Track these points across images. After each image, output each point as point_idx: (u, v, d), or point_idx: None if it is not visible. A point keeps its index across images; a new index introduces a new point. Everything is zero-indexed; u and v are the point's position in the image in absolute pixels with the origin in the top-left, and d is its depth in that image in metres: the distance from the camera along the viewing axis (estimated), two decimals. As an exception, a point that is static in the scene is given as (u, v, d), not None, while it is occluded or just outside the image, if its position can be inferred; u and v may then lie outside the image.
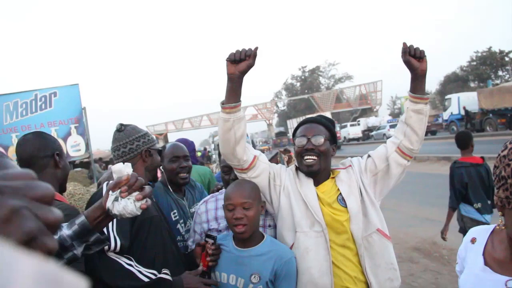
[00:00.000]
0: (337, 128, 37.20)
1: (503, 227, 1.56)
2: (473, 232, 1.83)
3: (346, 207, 2.33)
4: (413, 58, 2.23)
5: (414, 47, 2.23)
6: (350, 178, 2.43)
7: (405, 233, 7.95)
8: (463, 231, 4.86)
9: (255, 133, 77.72)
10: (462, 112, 29.86)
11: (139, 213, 1.57)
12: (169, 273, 2.21)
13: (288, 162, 9.23)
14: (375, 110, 60.10)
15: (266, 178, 2.45)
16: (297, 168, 2.55)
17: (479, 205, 4.76)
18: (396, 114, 58.77)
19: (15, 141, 14.75)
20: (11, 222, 0.46)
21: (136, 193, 1.55)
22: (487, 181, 4.84)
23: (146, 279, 2.10)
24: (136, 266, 2.13)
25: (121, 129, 2.59)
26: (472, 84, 55.04)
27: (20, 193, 0.50)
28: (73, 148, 15.30)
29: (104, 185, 2.17)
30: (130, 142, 2.55)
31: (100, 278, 2.03)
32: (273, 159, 9.63)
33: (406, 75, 2.34)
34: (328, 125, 2.52)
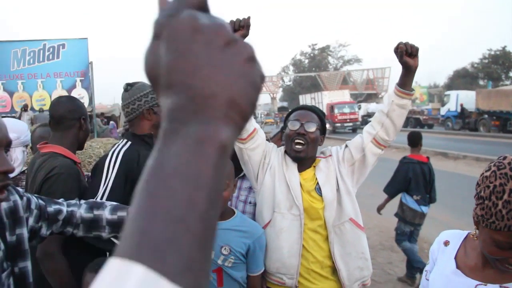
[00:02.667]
0: (356, 109, 37.19)
1: (476, 239, 1.68)
2: (447, 235, 1.92)
3: (321, 195, 2.44)
4: (409, 56, 2.28)
5: (410, 44, 2.27)
6: (329, 168, 2.51)
7: (391, 222, 8.08)
8: (400, 217, 5.77)
9: (258, 105, 77.44)
10: (459, 110, 30.13)
11: None
12: None
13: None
14: (380, 96, 59.89)
15: (260, 153, 2.54)
16: (284, 150, 2.63)
17: (418, 197, 5.56)
18: (400, 103, 58.58)
19: (20, 87, 14.91)
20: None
21: None
22: (428, 178, 5.65)
23: None
24: None
25: (127, 89, 2.66)
26: (481, 82, 54.72)
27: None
28: (76, 101, 15.36)
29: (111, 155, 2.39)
30: (132, 102, 2.61)
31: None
32: (277, 135, 9.78)
33: None
34: (321, 115, 2.61)
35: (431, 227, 7.75)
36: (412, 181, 5.56)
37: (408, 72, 2.34)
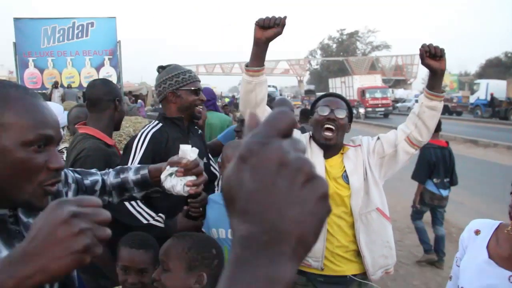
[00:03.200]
0: (388, 94, 36.38)
1: (510, 231, 1.71)
2: (477, 223, 1.92)
3: (349, 184, 2.44)
4: (433, 58, 2.25)
5: (434, 46, 2.24)
6: (357, 157, 2.51)
7: (418, 206, 8.06)
8: (420, 199, 5.80)
9: (285, 87, 77.24)
10: (489, 99, 29.99)
11: (185, 195, 1.62)
12: (162, 219, 2.39)
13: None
14: (408, 82, 58.99)
15: None
16: (310, 137, 2.62)
17: (438, 180, 5.62)
18: (429, 89, 57.62)
19: (50, 64, 15.14)
20: (77, 238, 0.79)
21: (190, 178, 1.59)
22: (448, 162, 5.70)
23: (144, 221, 2.34)
24: (139, 206, 2.36)
25: (158, 71, 2.75)
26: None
27: (89, 218, 0.82)
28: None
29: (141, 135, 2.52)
30: (159, 85, 2.69)
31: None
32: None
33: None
34: (348, 103, 2.62)
35: (460, 213, 7.68)
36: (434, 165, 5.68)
37: (434, 74, 2.32)
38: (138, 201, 2.35)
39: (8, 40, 15.04)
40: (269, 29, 2.26)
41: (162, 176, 1.60)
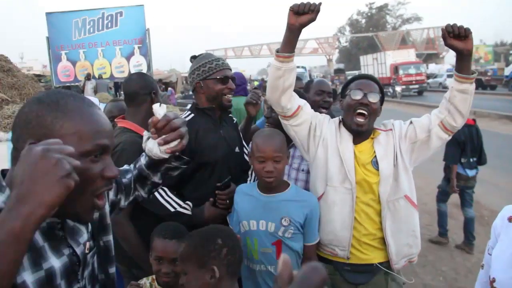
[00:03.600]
0: (423, 69, 34.82)
1: None
2: (511, 210, 1.84)
3: (378, 170, 2.40)
4: (457, 38, 2.16)
5: (458, 26, 2.14)
6: (388, 142, 2.46)
7: (450, 188, 7.98)
8: (447, 180, 5.75)
9: (314, 67, 76.40)
10: None
11: (165, 156, 1.55)
12: (189, 207, 2.49)
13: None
14: (441, 56, 57.39)
15: (306, 128, 2.51)
16: (339, 122, 2.58)
17: (465, 160, 5.50)
18: (463, 62, 55.87)
19: (82, 56, 15.46)
20: (57, 165, 0.90)
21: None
22: (476, 141, 5.54)
23: (171, 209, 2.44)
24: (168, 195, 2.46)
25: (191, 61, 2.81)
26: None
27: (59, 151, 0.93)
28: (135, 67, 15.87)
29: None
30: (189, 76, 2.78)
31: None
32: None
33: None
34: (380, 85, 2.54)
35: (493, 194, 7.58)
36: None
37: (460, 56, 2.23)
38: (167, 191, 2.47)
39: (41, 34, 15.42)
40: (303, 15, 2.20)
41: (143, 144, 1.58)
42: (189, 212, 2.49)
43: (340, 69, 56.23)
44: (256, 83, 26.30)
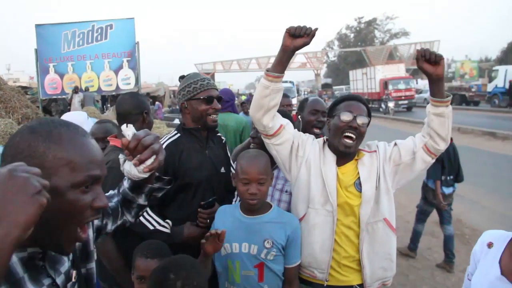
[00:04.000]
0: (412, 85, 34.46)
1: None
2: (490, 235, 1.88)
3: (361, 192, 2.39)
4: (428, 63, 2.23)
5: (430, 51, 2.22)
6: (372, 164, 2.46)
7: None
8: (423, 196, 5.92)
9: (302, 82, 76.82)
10: (507, 86, 28.75)
11: (145, 176, 1.52)
12: (168, 225, 2.53)
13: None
14: (427, 71, 57.88)
15: (288, 147, 2.51)
16: (324, 142, 2.58)
17: (442, 178, 5.56)
18: (449, 79, 56.54)
19: (70, 69, 15.44)
20: (27, 183, 0.88)
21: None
22: (453, 158, 5.61)
23: (151, 227, 2.48)
24: (147, 214, 2.48)
25: (179, 81, 2.86)
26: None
27: (25, 170, 0.90)
28: (123, 81, 15.91)
29: None
30: (176, 96, 2.85)
31: None
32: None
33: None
34: (368, 106, 2.54)
35: (475, 212, 7.69)
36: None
37: (432, 80, 2.30)
38: (148, 210, 2.45)
39: (29, 46, 15.42)
40: (298, 38, 2.24)
41: (121, 167, 1.54)
42: (167, 231, 2.52)
43: (327, 84, 56.66)
44: (243, 97, 26.35)
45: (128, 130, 1.47)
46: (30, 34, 15.17)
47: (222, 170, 2.83)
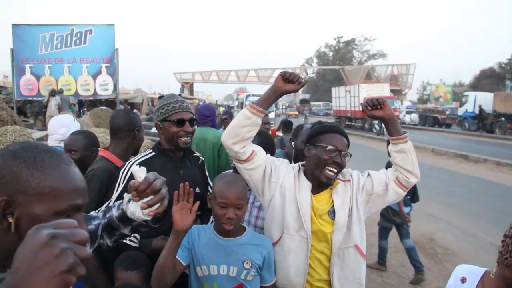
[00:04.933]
0: (397, 105, 34.16)
1: (493, 277, 1.73)
2: (463, 270, 1.93)
3: (334, 219, 2.44)
4: (375, 109, 2.41)
5: (371, 99, 2.42)
6: (346, 192, 2.50)
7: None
8: (382, 214, 6.06)
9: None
10: (477, 111, 30.49)
11: (148, 219, 1.56)
12: (136, 239, 2.57)
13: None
14: (403, 93, 59.20)
15: (261, 173, 2.53)
16: (299, 168, 2.61)
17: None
18: (423, 101, 57.75)
19: (47, 72, 15.20)
20: (60, 258, 0.78)
21: (148, 198, 1.51)
22: None
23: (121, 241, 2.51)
24: None
25: (159, 100, 2.89)
26: (509, 83, 53.52)
27: (67, 238, 0.81)
28: (101, 87, 15.74)
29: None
30: (154, 114, 2.84)
31: None
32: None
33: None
34: (348, 140, 2.57)
35: (447, 232, 7.81)
36: None
37: (386, 121, 2.44)
38: None
39: (5, 44, 15.11)
40: (290, 83, 2.36)
41: (124, 205, 1.56)
42: (136, 245, 2.56)
43: (305, 99, 57.24)
44: (222, 109, 26.34)
45: (140, 172, 1.50)
46: (4, 31, 14.88)
47: (197, 190, 2.81)
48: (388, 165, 6.04)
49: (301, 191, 2.48)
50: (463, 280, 1.87)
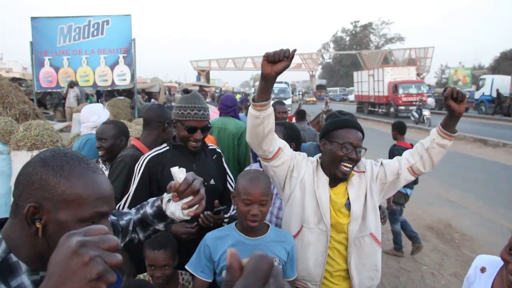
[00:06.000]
0: (424, 90, 32.22)
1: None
2: (483, 260, 1.97)
3: (350, 210, 2.50)
4: (455, 101, 2.35)
5: (457, 90, 2.33)
6: (361, 184, 2.55)
7: (423, 210, 8.20)
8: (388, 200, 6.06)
9: (296, 82, 77.08)
10: (494, 94, 29.71)
11: (188, 218, 1.59)
12: None
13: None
14: (421, 77, 58.46)
15: (286, 169, 2.55)
16: (317, 162, 2.63)
17: None
18: (442, 84, 56.91)
19: (66, 63, 15.37)
20: (88, 266, 0.79)
21: (188, 199, 1.53)
22: None
23: None
24: None
25: (183, 93, 2.97)
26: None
27: (96, 245, 0.82)
28: (119, 77, 15.87)
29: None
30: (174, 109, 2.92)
31: None
32: (316, 119, 9.83)
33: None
34: (363, 133, 2.58)
35: (464, 217, 7.80)
36: None
37: (452, 115, 2.41)
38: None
39: (24, 37, 15.31)
40: (278, 63, 2.17)
41: (163, 205, 1.61)
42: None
43: (322, 85, 56.89)
44: (238, 96, 26.34)
45: (180, 173, 1.51)
46: (23, 24, 15.08)
47: (212, 182, 2.90)
48: (393, 149, 6.19)
49: (320, 186, 2.53)
50: (483, 269, 1.91)
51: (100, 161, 3.56)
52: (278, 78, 2.40)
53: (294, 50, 2.20)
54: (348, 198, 2.52)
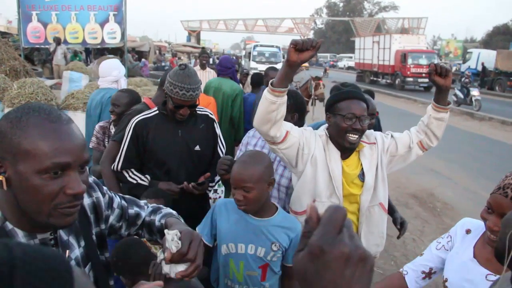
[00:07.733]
0: (436, 61, 30.45)
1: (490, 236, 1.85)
2: (469, 223, 2.08)
3: (363, 181, 2.57)
4: (439, 76, 2.44)
5: (440, 65, 2.42)
6: (372, 155, 2.60)
7: (408, 178, 8.37)
8: None
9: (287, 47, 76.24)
10: (479, 68, 30.02)
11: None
12: (147, 179, 3.01)
13: (316, 89, 9.52)
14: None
15: (295, 149, 2.55)
16: (326, 135, 2.63)
17: None
18: (433, 55, 56.84)
19: (54, 19, 15.06)
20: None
21: (180, 268, 1.42)
22: (377, 130, 6.04)
23: (134, 182, 3.01)
24: (133, 173, 3.02)
25: (178, 68, 2.94)
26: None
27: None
28: (109, 35, 15.63)
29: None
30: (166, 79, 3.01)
31: None
32: (304, 85, 9.86)
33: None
34: (367, 103, 2.62)
35: (447, 187, 8.02)
36: None
37: (439, 90, 2.52)
38: (133, 171, 3.02)
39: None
40: (305, 51, 2.20)
41: (158, 260, 1.51)
42: (146, 183, 3.00)
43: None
44: (229, 60, 26.00)
45: (172, 243, 1.40)
46: (12, -21, 14.65)
47: (197, 148, 3.01)
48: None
49: (332, 160, 2.54)
50: (468, 231, 2.03)
51: (112, 123, 3.79)
52: (269, 42, 2.42)
53: (322, 40, 2.30)
54: (362, 169, 2.57)
